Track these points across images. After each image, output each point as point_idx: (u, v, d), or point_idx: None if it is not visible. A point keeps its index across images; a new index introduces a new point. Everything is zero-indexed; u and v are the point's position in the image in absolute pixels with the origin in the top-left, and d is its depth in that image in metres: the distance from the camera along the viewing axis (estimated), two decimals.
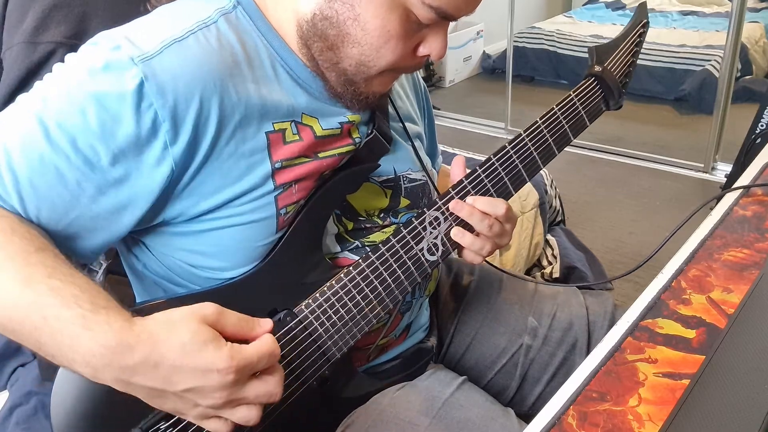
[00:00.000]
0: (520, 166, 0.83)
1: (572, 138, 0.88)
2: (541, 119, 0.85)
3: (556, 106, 0.86)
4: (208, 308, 0.61)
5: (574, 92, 0.88)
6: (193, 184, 0.68)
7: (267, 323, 0.64)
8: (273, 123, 0.72)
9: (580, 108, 0.88)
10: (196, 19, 0.69)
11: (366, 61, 0.71)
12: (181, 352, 0.57)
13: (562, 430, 0.63)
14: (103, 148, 0.64)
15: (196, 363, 0.58)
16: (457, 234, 0.80)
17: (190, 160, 0.67)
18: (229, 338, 0.60)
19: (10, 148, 0.63)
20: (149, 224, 0.71)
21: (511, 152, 0.82)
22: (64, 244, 0.69)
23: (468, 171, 0.81)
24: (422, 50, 0.72)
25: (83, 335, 0.57)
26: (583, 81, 0.90)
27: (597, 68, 0.90)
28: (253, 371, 0.61)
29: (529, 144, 0.84)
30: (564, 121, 0.86)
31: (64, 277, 0.60)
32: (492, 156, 0.82)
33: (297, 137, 0.73)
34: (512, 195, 0.84)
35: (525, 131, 0.84)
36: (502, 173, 0.82)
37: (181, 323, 0.59)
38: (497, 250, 0.87)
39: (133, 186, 0.67)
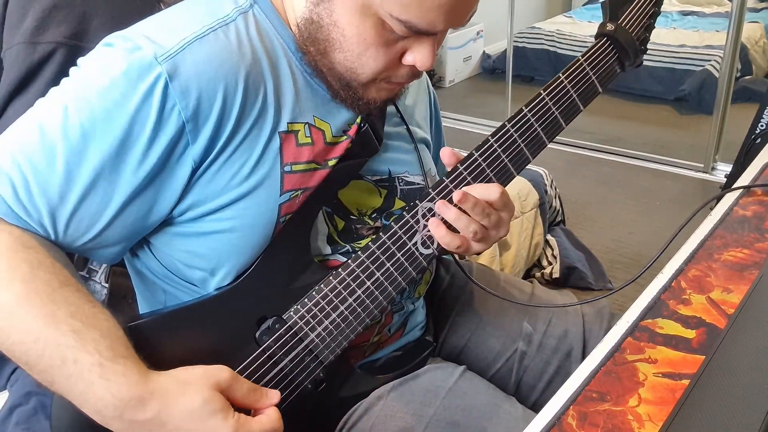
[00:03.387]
0: (522, 145, 0.78)
1: (582, 108, 0.81)
2: (545, 90, 0.78)
3: (563, 73, 0.79)
4: (224, 374, 0.63)
5: (583, 57, 0.81)
6: (203, 179, 0.68)
7: (275, 396, 0.67)
8: (288, 123, 0.72)
9: (591, 73, 0.81)
10: (215, 16, 0.69)
11: (352, 67, 0.70)
12: (190, 416, 0.59)
13: (562, 430, 0.63)
14: (129, 154, 0.64)
15: (201, 429, 0.59)
16: (442, 208, 0.75)
17: (207, 156, 0.67)
18: (238, 406, 0.62)
19: (36, 163, 0.62)
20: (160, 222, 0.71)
21: (512, 130, 0.77)
22: (88, 253, 0.69)
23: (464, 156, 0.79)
24: (407, 59, 0.70)
25: (98, 383, 0.58)
26: (594, 42, 0.82)
27: (609, 26, 0.81)
28: None
29: (532, 119, 0.78)
30: (572, 90, 0.79)
31: (86, 318, 0.60)
32: (490, 137, 0.77)
33: (309, 140, 0.73)
34: (514, 177, 0.79)
35: (527, 105, 0.78)
36: (502, 155, 0.77)
37: (195, 387, 0.60)
38: (497, 251, 0.86)
39: (158, 189, 0.67)
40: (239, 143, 0.68)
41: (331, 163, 0.75)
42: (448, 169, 0.77)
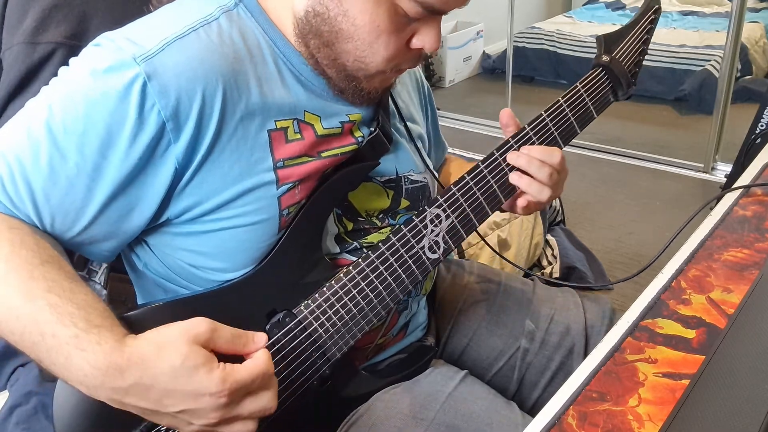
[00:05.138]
0: None
1: (579, 131, 0.86)
2: (546, 112, 0.83)
3: (562, 98, 0.84)
4: (201, 326, 0.60)
5: (580, 83, 0.86)
6: (194, 182, 0.69)
7: (261, 338, 0.65)
8: (275, 121, 0.72)
9: (587, 100, 0.86)
10: (198, 16, 0.69)
11: (362, 57, 0.71)
12: (172, 376, 0.58)
13: (562, 430, 0.63)
14: (110, 152, 0.65)
15: (186, 387, 0.58)
16: (515, 177, 0.81)
17: (192, 158, 0.67)
18: (224, 354, 0.61)
19: (22, 158, 0.64)
20: (154, 223, 0.71)
21: (515, 147, 0.81)
22: (79, 249, 0.70)
23: (472, 165, 0.81)
24: (415, 42, 0.71)
25: (76, 355, 0.58)
26: (590, 71, 0.88)
27: (605, 58, 0.87)
28: (247, 392, 0.61)
29: (534, 138, 0.82)
30: (570, 114, 0.85)
31: (63, 292, 0.60)
32: (495, 151, 0.80)
33: (299, 136, 0.73)
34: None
35: (529, 124, 0.82)
36: (506, 168, 0.81)
37: (172, 345, 0.58)
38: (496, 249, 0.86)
39: (141, 187, 0.67)
40: (226, 143, 0.69)
41: (324, 155, 0.75)
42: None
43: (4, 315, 0.60)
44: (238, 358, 0.62)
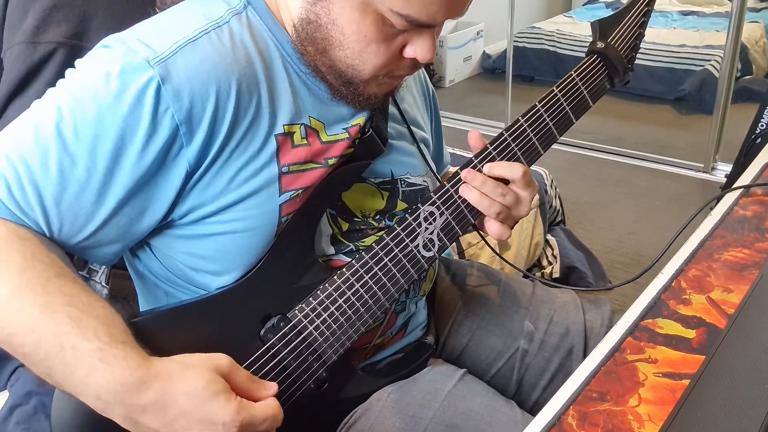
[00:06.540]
0: (518, 154, 0.81)
1: (574, 120, 0.85)
2: (540, 102, 0.82)
3: (556, 87, 0.83)
4: (223, 359, 0.63)
5: (575, 71, 0.85)
6: (201, 184, 0.69)
7: (273, 387, 0.66)
8: (283, 125, 0.72)
9: (582, 88, 0.85)
10: (208, 19, 0.69)
11: (354, 65, 0.71)
12: (194, 397, 0.58)
13: (562, 430, 0.63)
14: (122, 157, 0.64)
15: (204, 412, 0.59)
16: (465, 190, 0.78)
17: (203, 160, 0.67)
18: (236, 393, 0.62)
19: (30, 162, 0.63)
20: (160, 224, 0.71)
21: (509, 139, 0.80)
22: (84, 253, 0.69)
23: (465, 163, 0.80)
24: (408, 52, 0.71)
25: (99, 369, 0.57)
26: (586, 59, 0.86)
27: (600, 44, 0.86)
28: (255, 431, 0.62)
29: (528, 130, 0.81)
30: (565, 103, 0.83)
31: (83, 306, 0.60)
32: (489, 145, 0.80)
33: (305, 141, 0.73)
34: None
35: (523, 116, 0.81)
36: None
37: (197, 369, 0.60)
38: (497, 250, 0.86)
39: (152, 191, 0.67)
40: (235, 146, 0.69)
41: (331, 161, 0.75)
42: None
43: (18, 327, 0.59)
44: None
